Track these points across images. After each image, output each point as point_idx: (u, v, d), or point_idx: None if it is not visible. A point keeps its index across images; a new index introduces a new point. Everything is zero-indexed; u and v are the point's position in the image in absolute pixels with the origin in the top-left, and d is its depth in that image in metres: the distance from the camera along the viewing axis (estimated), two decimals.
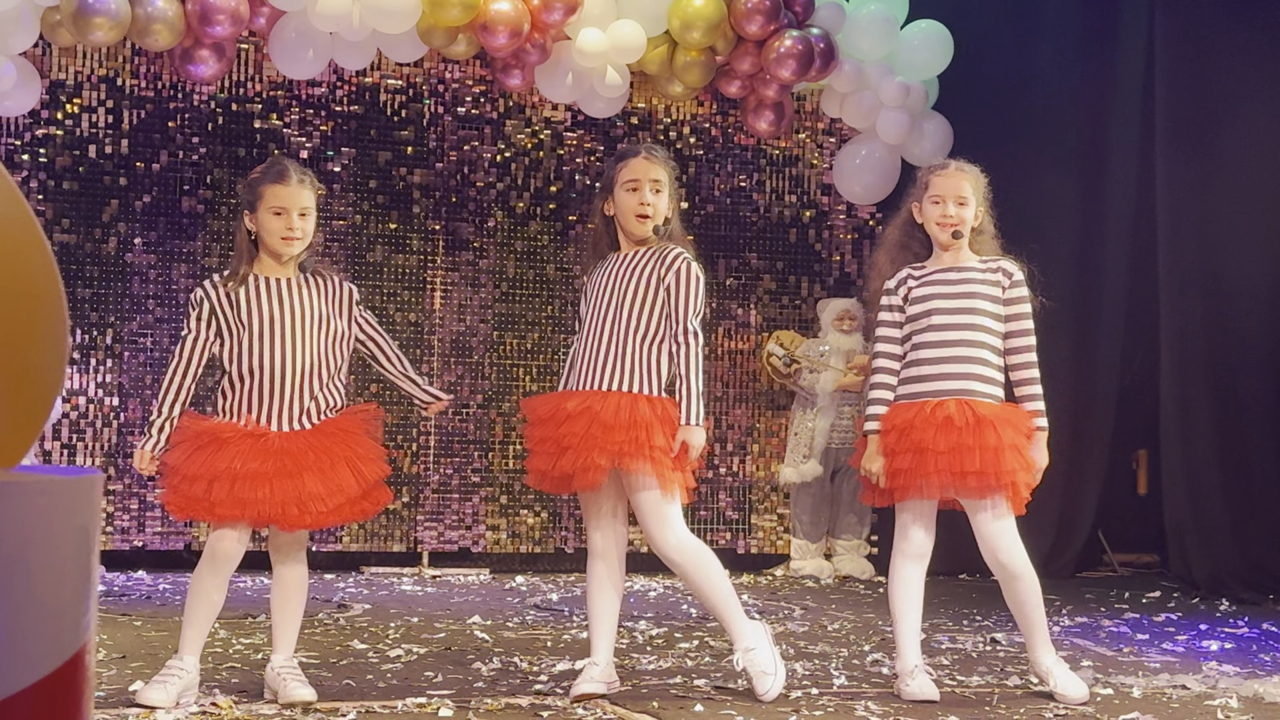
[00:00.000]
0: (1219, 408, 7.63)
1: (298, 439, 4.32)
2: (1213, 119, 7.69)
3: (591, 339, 4.64)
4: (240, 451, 4.26)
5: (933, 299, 4.76)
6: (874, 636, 5.97)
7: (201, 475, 4.23)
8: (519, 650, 5.40)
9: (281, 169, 4.41)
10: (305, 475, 4.26)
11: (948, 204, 4.77)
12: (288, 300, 4.39)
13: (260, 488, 4.23)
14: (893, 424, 4.72)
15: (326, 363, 4.42)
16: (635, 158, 4.67)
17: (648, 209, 4.60)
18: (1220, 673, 5.28)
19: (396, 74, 7.77)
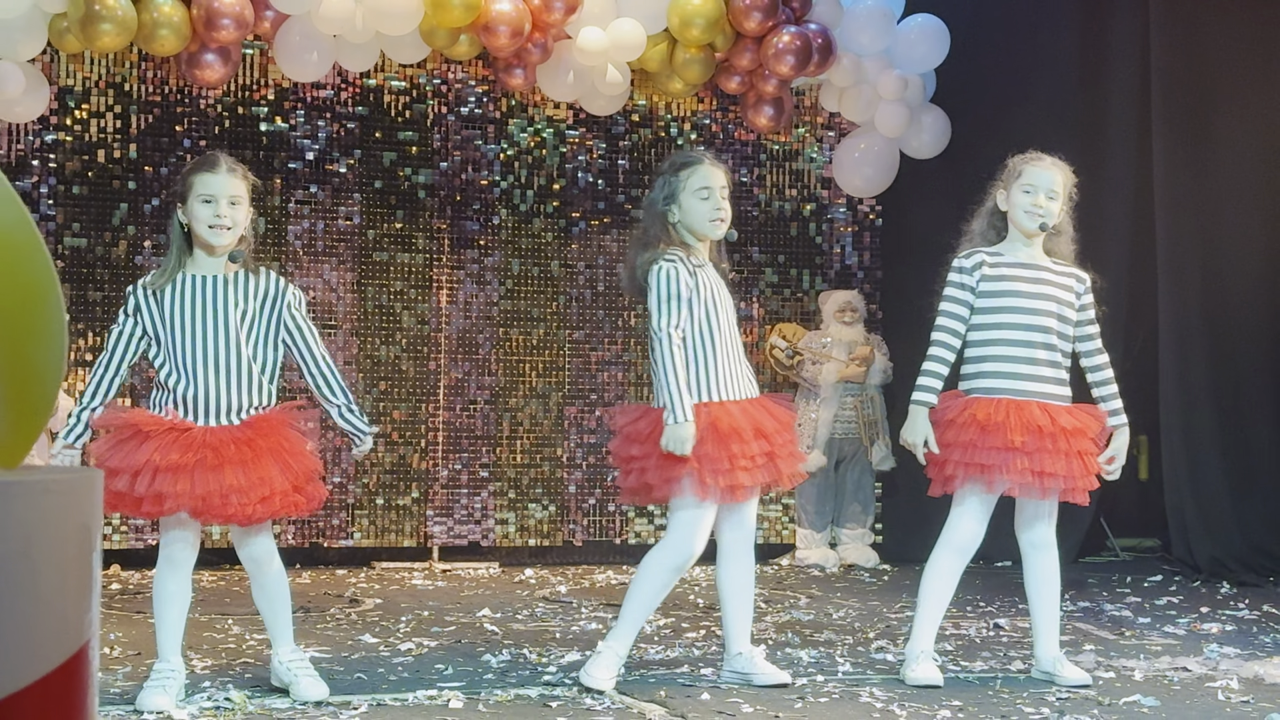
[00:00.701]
0: (1219, 393, 7.63)
1: (221, 433, 4.29)
2: (1208, 108, 7.69)
3: (730, 345, 4.65)
4: (161, 445, 4.24)
5: (1010, 293, 4.75)
6: (879, 624, 5.98)
7: (124, 469, 4.22)
8: (528, 642, 5.41)
9: (212, 159, 4.42)
10: (226, 468, 4.21)
11: (1039, 194, 4.78)
12: (213, 298, 4.35)
13: (180, 481, 4.19)
14: (973, 417, 4.70)
15: (252, 361, 4.38)
16: (701, 165, 4.66)
17: (722, 213, 4.64)
18: (1221, 654, 5.28)
19: (400, 75, 7.78)
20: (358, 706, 4.28)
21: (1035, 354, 4.74)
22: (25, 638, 1.35)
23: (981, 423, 4.67)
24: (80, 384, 7.27)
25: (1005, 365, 4.74)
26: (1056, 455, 4.66)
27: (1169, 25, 7.76)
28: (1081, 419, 4.76)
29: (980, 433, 4.67)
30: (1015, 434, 4.62)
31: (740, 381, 4.66)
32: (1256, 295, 7.62)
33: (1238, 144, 7.65)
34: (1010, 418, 4.66)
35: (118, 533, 7.33)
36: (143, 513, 4.29)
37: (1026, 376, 4.72)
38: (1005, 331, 4.74)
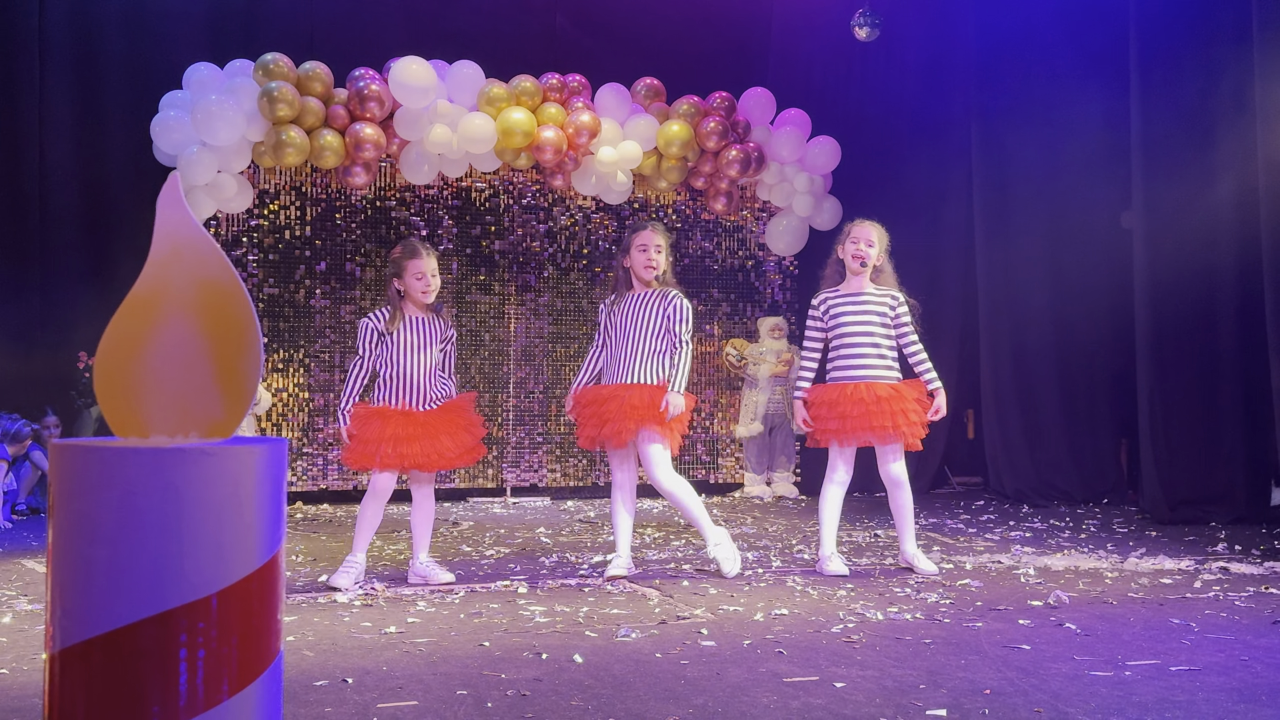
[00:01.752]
0: (1018, 379, 7.60)
1: (431, 414, 4.37)
2: (1009, 192, 7.66)
3: (620, 350, 4.61)
4: (397, 422, 4.31)
5: (844, 315, 4.74)
6: (798, 535, 5.96)
7: (374, 439, 4.28)
8: (569, 549, 5.40)
9: (417, 250, 4.46)
10: (441, 437, 4.32)
11: (860, 244, 4.76)
12: (419, 330, 4.44)
13: (413, 444, 4.28)
14: (824, 398, 4.68)
15: (437, 367, 4.48)
16: (645, 230, 4.66)
17: (654, 263, 4.62)
18: (1023, 552, 5.26)
19: (482, 179, 7.76)
20: (458, 592, 4.27)
21: (867, 351, 4.70)
22: (237, 548, 1.35)
23: (830, 401, 4.65)
24: (273, 383, 7.26)
25: (850, 361, 4.71)
26: (882, 415, 4.61)
27: (985, 146, 7.74)
28: (900, 389, 4.70)
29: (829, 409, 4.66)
30: (847, 405, 4.60)
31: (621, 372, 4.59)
32: (1043, 317, 7.60)
33: (1030, 212, 7.63)
34: (851, 393, 4.63)
35: (300, 480, 7.31)
36: (382, 465, 4.30)
37: (862, 366, 4.69)
38: (845, 339, 4.71)
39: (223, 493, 1.30)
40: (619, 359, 4.61)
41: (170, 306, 1.40)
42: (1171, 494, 6.38)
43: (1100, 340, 7.57)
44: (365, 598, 4.16)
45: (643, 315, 4.62)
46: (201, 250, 1.40)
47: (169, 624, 1.32)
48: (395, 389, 4.39)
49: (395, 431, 4.28)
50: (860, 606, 3.97)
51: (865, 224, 4.80)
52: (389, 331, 4.41)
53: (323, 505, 7.22)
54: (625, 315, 4.63)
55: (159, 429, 1.43)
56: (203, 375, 1.39)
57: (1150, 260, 6.55)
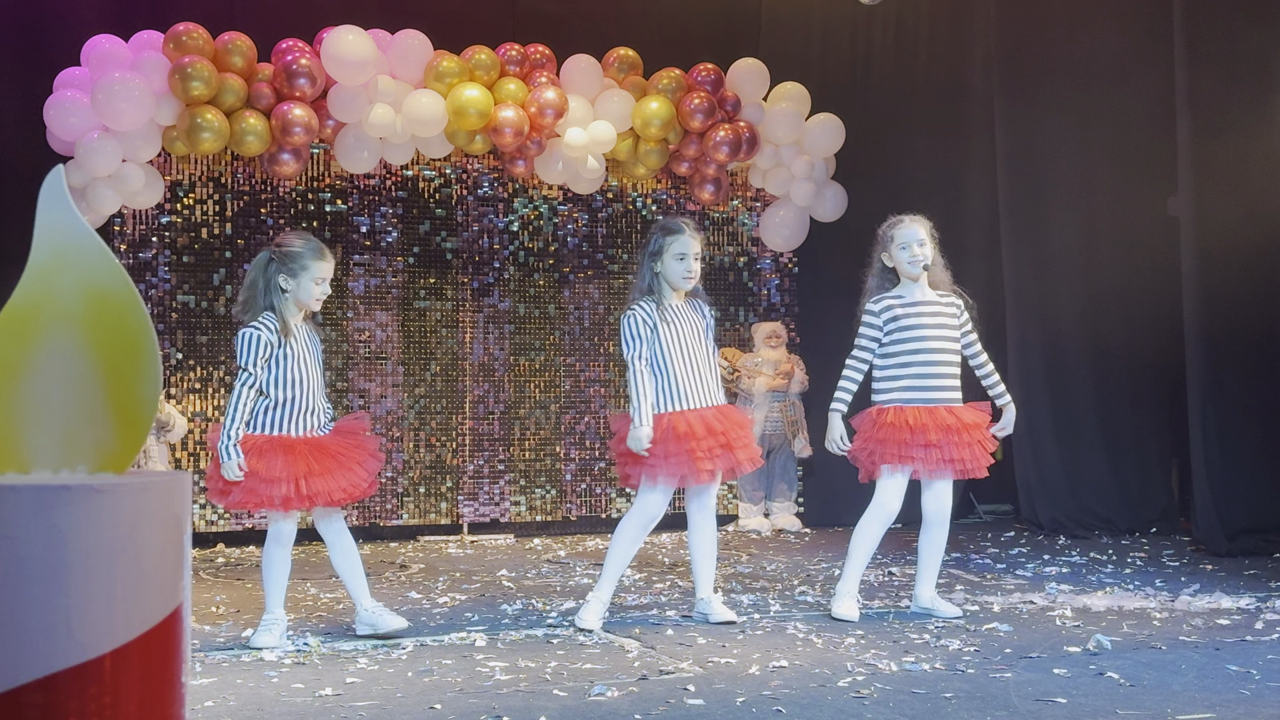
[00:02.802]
0: (1053, 396, 7.62)
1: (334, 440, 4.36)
2: (1037, 177, 7.70)
3: (690, 367, 4.61)
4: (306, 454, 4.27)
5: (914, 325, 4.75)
6: (801, 574, 5.96)
7: (278, 475, 4.22)
8: (536, 594, 5.39)
9: (323, 249, 4.41)
10: (354, 467, 4.30)
11: (913, 246, 4.78)
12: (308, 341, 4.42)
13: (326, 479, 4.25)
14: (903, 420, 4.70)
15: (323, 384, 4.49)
16: (683, 234, 4.64)
17: (693, 273, 4.64)
18: (1059, 590, 5.29)
19: (431, 166, 7.76)
20: (405, 646, 4.25)
21: (946, 369, 4.74)
22: (132, 601, 1.34)
23: (911, 425, 4.68)
24: (189, 405, 7.23)
25: (929, 381, 4.73)
26: (962, 445, 4.68)
27: (1009, 118, 7.78)
28: (977, 415, 4.77)
29: (912, 433, 4.68)
30: (933, 433, 4.64)
31: (701, 394, 4.62)
32: (1079, 320, 7.64)
33: (1062, 204, 7.67)
34: (940, 419, 4.67)
35: (223, 518, 7.27)
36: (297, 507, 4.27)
37: (935, 387, 4.72)
38: (920, 354, 4.73)
39: (115, 536, 1.29)
40: (695, 378, 4.61)
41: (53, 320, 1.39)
42: (1229, 522, 6.42)
43: (1146, 346, 7.62)
44: (297, 654, 4.13)
45: (695, 328, 4.68)
46: (89, 255, 1.39)
47: (55, 690, 1.31)
48: (291, 413, 4.31)
49: (307, 466, 4.22)
50: (871, 656, 3.97)
51: (909, 221, 4.83)
52: (280, 343, 4.33)
53: (249, 548, 7.18)
54: (679, 328, 4.63)
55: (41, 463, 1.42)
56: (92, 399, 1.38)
57: (1200, 252, 6.60)
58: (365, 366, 7.53)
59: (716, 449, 4.56)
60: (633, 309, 4.60)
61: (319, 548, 7.10)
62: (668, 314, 4.62)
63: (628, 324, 4.57)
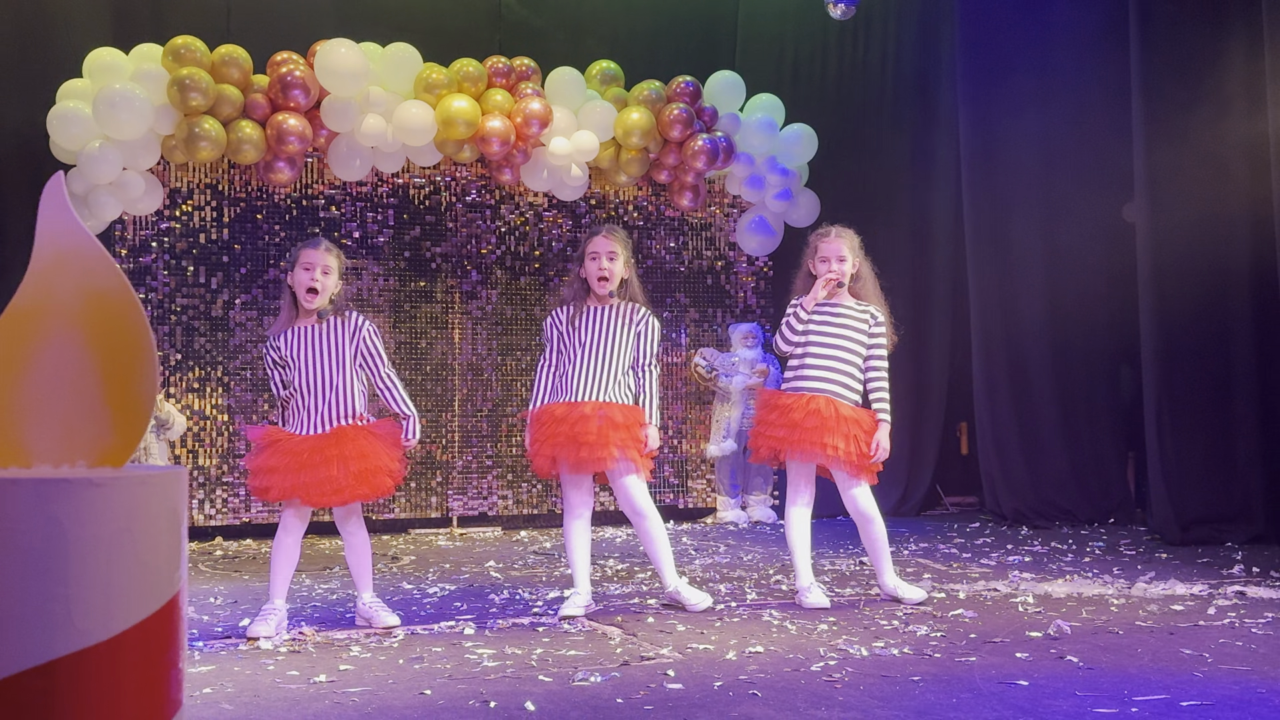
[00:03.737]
0: (1015, 391, 7.66)
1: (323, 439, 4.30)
2: (1001, 183, 7.74)
3: (584, 366, 4.58)
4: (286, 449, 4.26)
5: (815, 325, 4.75)
6: (776, 564, 5.97)
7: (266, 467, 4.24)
8: (522, 585, 5.38)
9: (313, 239, 4.44)
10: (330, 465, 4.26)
11: (830, 262, 4.76)
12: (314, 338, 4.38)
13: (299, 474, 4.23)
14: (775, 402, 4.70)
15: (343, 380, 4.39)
16: (597, 235, 4.65)
17: (605, 272, 4.61)
18: (1021, 578, 5.30)
19: (421, 174, 7.74)
20: (397, 634, 4.24)
21: (834, 366, 4.71)
22: (130, 590, 1.33)
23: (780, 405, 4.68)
24: (188, 404, 7.19)
25: (814, 373, 4.72)
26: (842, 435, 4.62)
27: (973, 126, 7.81)
28: (859, 413, 4.71)
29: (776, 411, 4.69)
30: (797, 413, 4.61)
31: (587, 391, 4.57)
32: (1040, 319, 7.67)
33: (1024, 209, 7.70)
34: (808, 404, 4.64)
35: (220, 513, 7.23)
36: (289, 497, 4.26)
37: (825, 380, 4.70)
38: (814, 350, 4.73)
39: (113, 528, 1.28)
40: (583, 375, 4.57)
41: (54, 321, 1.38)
42: (1183, 512, 6.46)
43: (1103, 345, 7.66)
44: (292, 643, 4.12)
45: (609, 330, 4.62)
46: (88, 258, 1.38)
47: (54, 676, 1.30)
48: (294, 410, 4.36)
49: (285, 460, 4.22)
50: (843, 642, 3.98)
51: (832, 236, 4.80)
52: (285, 344, 4.35)
53: (245, 541, 7.14)
54: (587, 328, 4.61)
55: (42, 457, 1.41)
56: (91, 397, 1.37)
57: (1155, 257, 6.64)
58: None
59: (560, 438, 4.52)
60: (550, 312, 4.76)
61: (314, 540, 7.08)
62: (582, 316, 4.62)
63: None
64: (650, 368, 4.63)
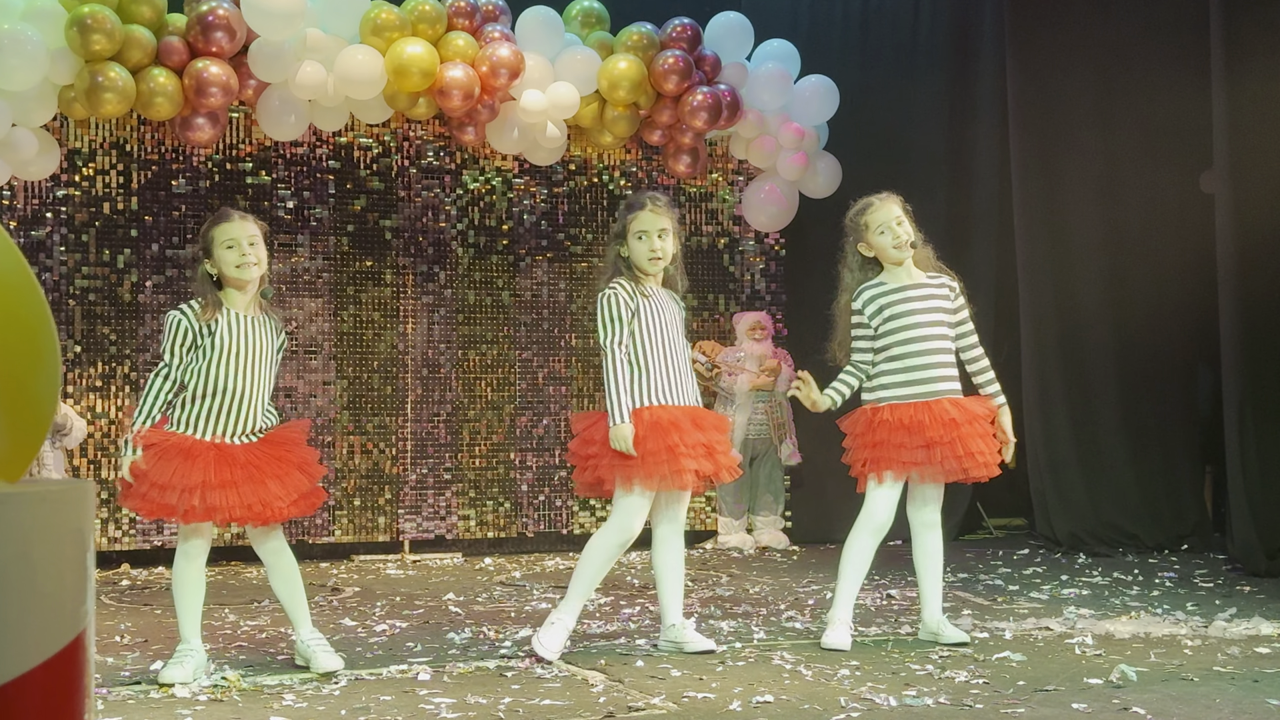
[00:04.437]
0: (1071, 394, 7.68)
1: (253, 449, 4.32)
2: (1055, 147, 7.76)
3: (668, 363, 4.63)
4: (208, 461, 4.24)
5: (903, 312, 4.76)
6: (788, 597, 5.98)
7: (175, 485, 4.20)
8: (487, 621, 5.38)
9: (223, 212, 4.44)
10: (268, 481, 4.27)
11: (889, 226, 4.78)
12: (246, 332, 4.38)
13: (230, 494, 4.22)
14: (899, 419, 4.71)
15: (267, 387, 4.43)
16: (643, 210, 4.67)
17: (659, 252, 4.65)
18: (1078, 615, 5.33)
19: (367, 133, 7.73)
20: (338, 681, 4.24)
21: (943, 358, 4.77)
22: (28, 627, 1.33)
23: (908, 424, 4.69)
24: (89, 406, 7.17)
25: (925, 373, 4.74)
26: (970, 439, 4.69)
27: (1023, 80, 7.83)
28: (983, 407, 4.80)
29: (905, 433, 4.69)
30: (932, 429, 4.66)
31: (680, 390, 4.65)
32: (1101, 309, 7.69)
33: (1082, 179, 7.73)
34: (938, 414, 4.69)
35: (127, 535, 7.22)
36: (185, 519, 4.24)
37: (932, 379, 4.74)
38: (914, 343, 4.75)
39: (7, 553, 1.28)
40: (678, 372, 4.65)
41: None
42: (1269, 538, 6.49)
43: (1176, 340, 7.69)
44: (214, 690, 4.11)
45: (673, 320, 4.71)
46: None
47: None
48: (209, 413, 4.31)
49: (207, 475, 4.21)
50: (868, 690, 3.99)
51: (880, 202, 4.83)
52: (209, 329, 4.32)
53: (157, 569, 7.13)
54: (655, 319, 4.64)
55: None
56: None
57: (1238, 234, 6.66)
58: (292, 362, 7.50)
59: (701, 448, 4.57)
60: (613, 287, 4.62)
61: (239, 568, 7.07)
62: (647, 301, 4.64)
63: (607, 305, 4.60)
64: None
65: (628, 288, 4.63)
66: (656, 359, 4.62)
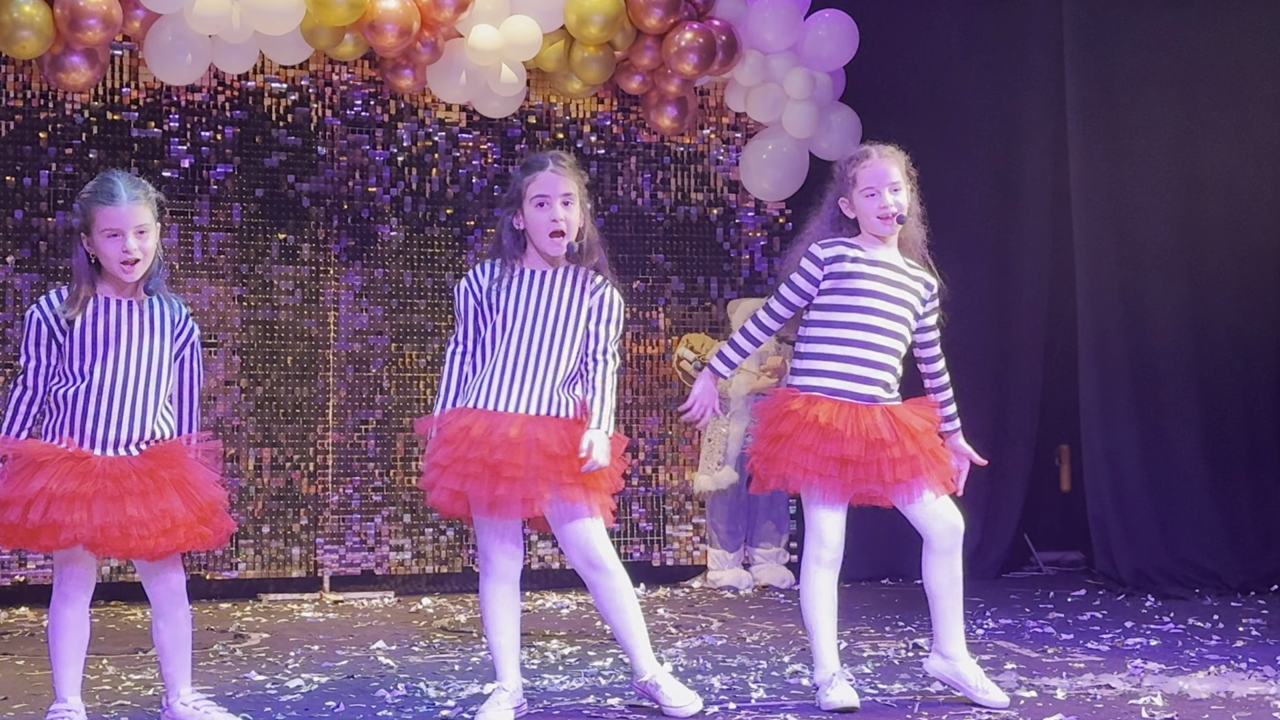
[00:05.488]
0: (1140, 398, 7.68)
1: (122, 464, 4.27)
2: (1124, 110, 7.76)
3: (515, 358, 4.57)
4: (58, 473, 4.20)
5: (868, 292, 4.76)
6: (794, 647, 5.99)
7: (16, 500, 4.16)
8: (425, 675, 5.37)
9: (110, 187, 4.32)
10: (127, 499, 4.18)
11: (883, 192, 4.79)
12: (128, 325, 4.35)
13: (77, 510, 4.14)
14: (812, 416, 4.70)
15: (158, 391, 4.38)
16: (543, 171, 4.64)
17: (560, 223, 4.60)
18: (1145, 670, 5.34)
19: (281, 77, 7.71)
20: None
21: (890, 353, 4.76)
22: None
23: (824, 425, 4.69)
24: None
25: (866, 365, 4.74)
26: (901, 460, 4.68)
27: (1082, 21, 7.83)
28: (924, 415, 4.79)
29: (819, 437, 4.69)
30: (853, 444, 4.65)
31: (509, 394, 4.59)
32: (1175, 298, 7.70)
33: (1154, 148, 7.72)
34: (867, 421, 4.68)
35: None
36: (39, 545, 4.21)
37: (871, 380, 4.74)
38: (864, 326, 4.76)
39: None
40: (514, 371, 4.55)
41: None
42: None
43: (1269, 338, 7.71)
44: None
45: (552, 305, 4.60)
46: None
47: None
48: (70, 418, 4.29)
49: (53, 485, 4.17)
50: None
51: (880, 157, 4.83)
52: (68, 324, 4.29)
53: (19, 610, 7.10)
54: (521, 302, 4.60)
55: None
56: None
57: None
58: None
59: (473, 465, 4.53)
60: (469, 274, 4.68)
61: (120, 609, 7.03)
62: (517, 281, 4.62)
63: (457, 296, 4.70)
64: (608, 356, 4.63)
65: (484, 270, 4.67)
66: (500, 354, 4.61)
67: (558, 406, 4.57)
